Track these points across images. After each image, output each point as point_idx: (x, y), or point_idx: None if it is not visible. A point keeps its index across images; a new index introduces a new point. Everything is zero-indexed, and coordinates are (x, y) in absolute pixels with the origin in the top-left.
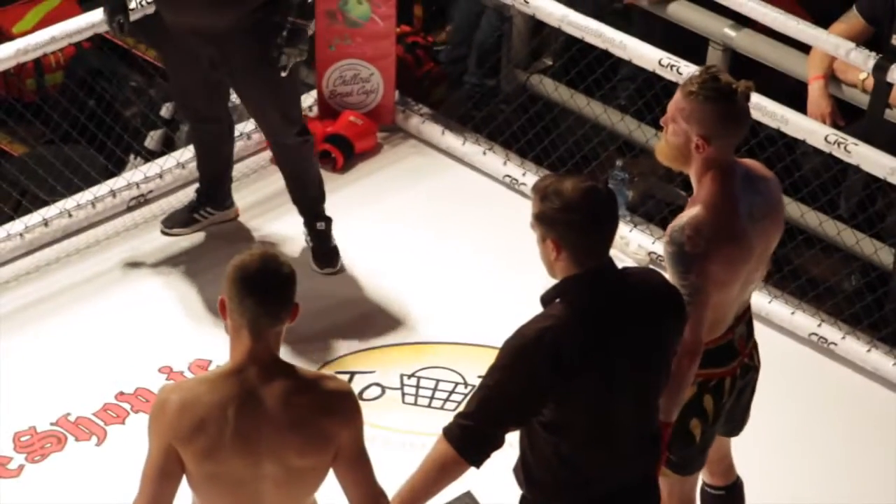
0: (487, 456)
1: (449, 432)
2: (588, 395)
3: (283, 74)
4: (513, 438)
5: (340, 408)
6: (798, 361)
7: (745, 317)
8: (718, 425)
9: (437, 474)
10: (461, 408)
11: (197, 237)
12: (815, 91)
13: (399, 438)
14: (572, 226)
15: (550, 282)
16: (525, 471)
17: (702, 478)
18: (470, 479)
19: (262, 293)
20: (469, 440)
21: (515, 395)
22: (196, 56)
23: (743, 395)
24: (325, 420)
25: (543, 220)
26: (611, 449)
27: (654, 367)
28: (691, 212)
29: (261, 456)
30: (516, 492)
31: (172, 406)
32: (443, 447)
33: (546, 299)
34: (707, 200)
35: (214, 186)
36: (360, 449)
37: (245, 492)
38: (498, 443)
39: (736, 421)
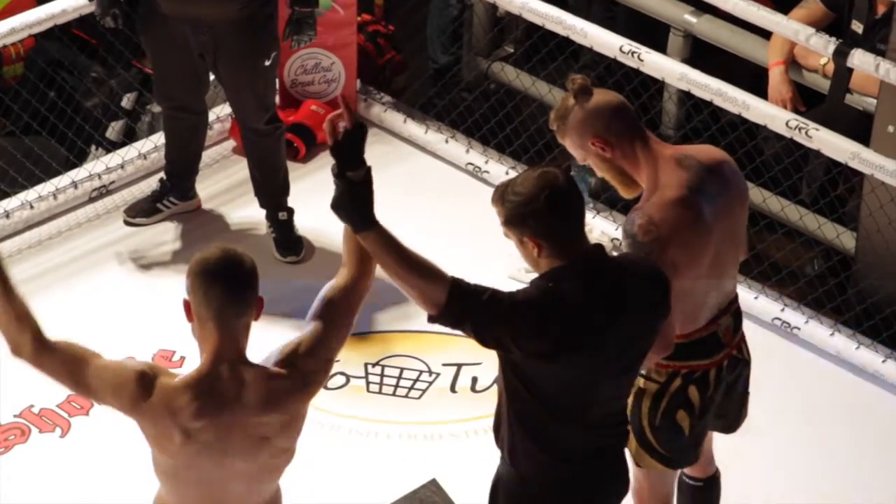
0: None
1: (454, 286)
2: (573, 371)
3: (267, 63)
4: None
5: (315, 381)
6: (762, 346)
7: (731, 308)
8: (708, 418)
9: (418, 275)
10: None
11: (160, 227)
12: (776, 76)
13: (364, 427)
14: (540, 214)
15: (515, 270)
16: (501, 432)
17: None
18: (434, 468)
19: (225, 280)
20: (456, 305)
21: (502, 321)
22: (186, 44)
23: (734, 389)
24: (303, 399)
25: (512, 221)
26: (587, 421)
27: (640, 349)
28: (641, 201)
29: (234, 458)
30: (480, 480)
31: (157, 398)
32: (440, 284)
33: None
34: (650, 188)
35: (181, 177)
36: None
37: (213, 489)
38: (468, 335)
39: (731, 417)
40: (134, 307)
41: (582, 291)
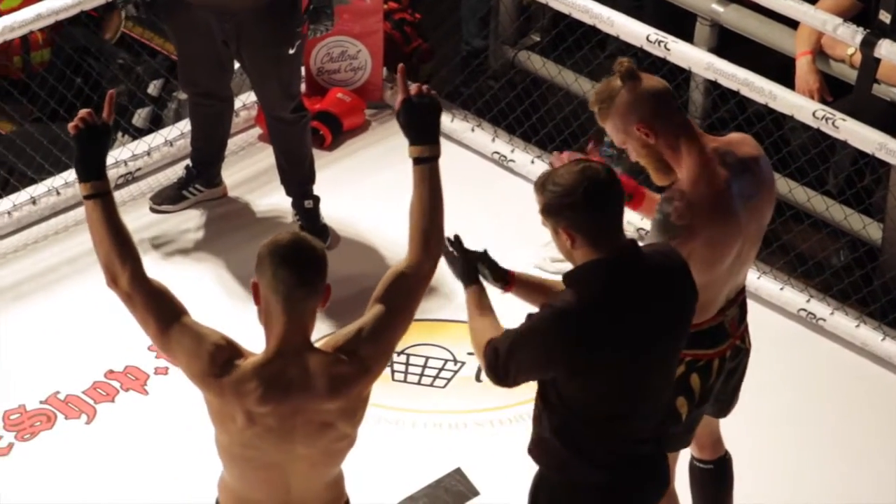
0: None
1: (489, 348)
2: (613, 371)
3: (291, 51)
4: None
5: (377, 367)
6: (787, 337)
7: (739, 299)
8: (706, 406)
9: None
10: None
11: (185, 214)
12: (803, 66)
13: (389, 415)
14: (577, 207)
15: (540, 259)
16: (545, 448)
17: (691, 452)
18: (459, 457)
19: (295, 261)
20: (495, 364)
21: (536, 355)
22: (210, 31)
23: (732, 376)
24: (365, 385)
25: (550, 211)
26: (633, 418)
27: (676, 340)
28: (682, 185)
29: (296, 442)
30: (505, 469)
31: (227, 378)
32: (481, 350)
33: (569, 281)
34: (691, 179)
35: (207, 164)
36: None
37: (274, 473)
38: (511, 384)
39: (724, 402)
40: None
41: (612, 293)
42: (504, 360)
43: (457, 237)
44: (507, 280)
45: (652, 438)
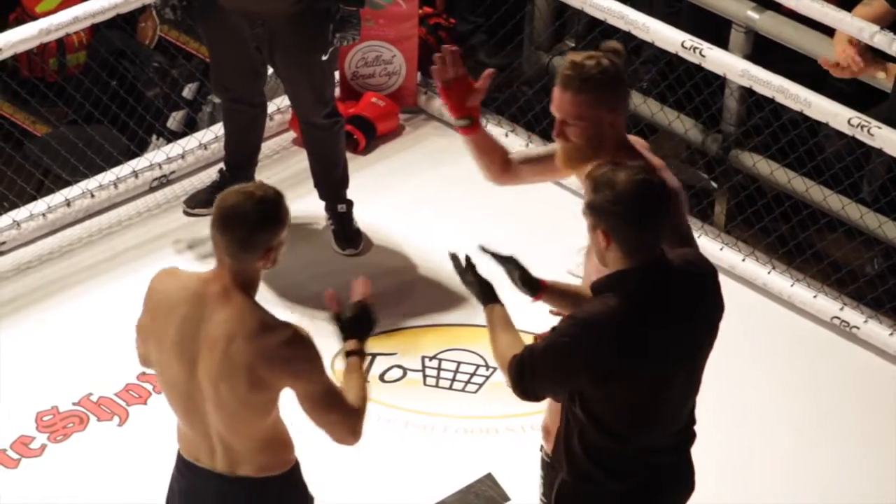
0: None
1: (514, 364)
2: (639, 381)
3: (324, 58)
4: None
5: (281, 360)
6: (820, 345)
7: None
8: None
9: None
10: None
11: None
12: (839, 38)
13: (420, 420)
14: (622, 218)
15: (574, 265)
16: (567, 455)
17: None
18: (490, 462)
19: (222, 226)
20: (520, 380)
21: (563, 367)
22: (243, 37)
23: None
24: (263, 369)
25: (594, 210)
26: (657, 427)
27: (704, 348)
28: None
29: (195, 368)
30: (536, 475)
31: (153, 282)
32: (506, 366)
33: (597, 289)
34: (661, 164)
35: (241, 167)
36: (319, 393)
37: (186, 398)
38: (537, 398)
39: None
40: None
41: (640, 303)
42: (530, 374)
43: (468, 260)
44: (538, 287)
45: (675, 446)
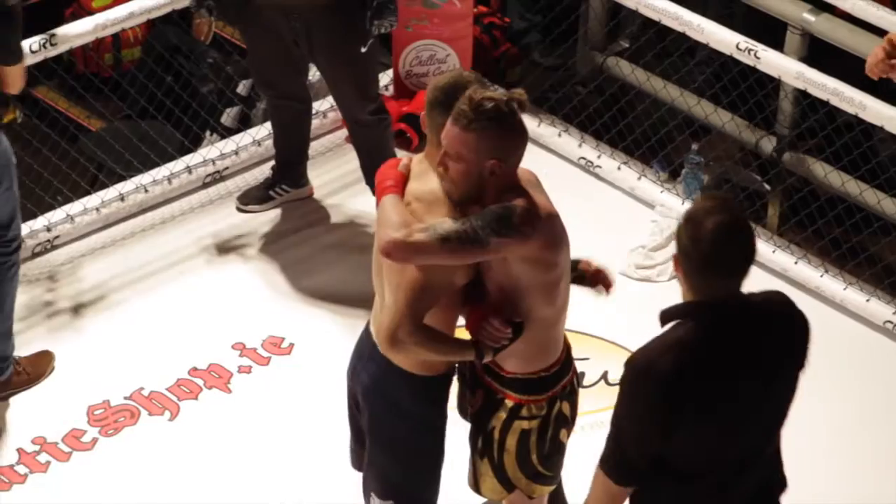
0: (641, 479)
1: (603, 461)
2: (710, 422)
3: (363, 50)
4: None
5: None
6: (872, 349)
7: None
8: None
9: (607, 500)
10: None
11: (272, 214)
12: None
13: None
14: (695, 259)
15: (625, 266)
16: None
17: None
18: None
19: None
20: (617, 467)
21: (643, 421)
22: (279, 32)
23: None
24: None
25: (677, 239)
26: (733, 472)
27: (783, 388)
28: (521, 202)
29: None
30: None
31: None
32: (601, 477)
33: (666, 317)
34: (529, 200)
35: (291, 164)
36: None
37: None
38: (645, 465)
39: None
40: (245, 293)
41: (710, 336)
42: (623, 445)
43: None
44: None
45: (756, 495)
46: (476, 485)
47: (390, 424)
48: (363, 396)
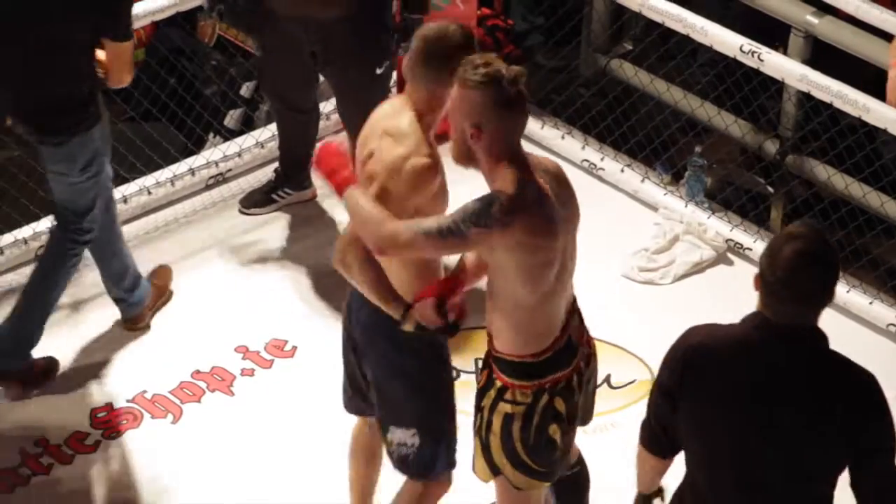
0: (663, 449)
1: (641, 429)
2: (710, 423)
3: (379, 71)
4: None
5: None
6: (876, 352)
7: (574, 308)
8: (576, 423)
9: (644, 469)
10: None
11: (274, 217)
12: (895, 78)
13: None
14: (769, 286)
15: (628, 268)
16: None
17: None
18: None
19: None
20: (643, 430)
21: (660, 388)
22: (298, 46)
23: (590, 383)
24: None
25: (760, 259)
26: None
27: (822, 444)
28: (508, 188)
29: None
30: (601, 475)
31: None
32: (639, 445)
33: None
34: (517, 182)
35: (295, 168)
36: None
37: None
38: (663, 433)
39: (587, 410)
40: (247, 296)
41: (764, 347)
42: (653, 420)
43: None
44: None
45: None
46: (473, 464)
47: (399, 359)
48: (365, 338)
